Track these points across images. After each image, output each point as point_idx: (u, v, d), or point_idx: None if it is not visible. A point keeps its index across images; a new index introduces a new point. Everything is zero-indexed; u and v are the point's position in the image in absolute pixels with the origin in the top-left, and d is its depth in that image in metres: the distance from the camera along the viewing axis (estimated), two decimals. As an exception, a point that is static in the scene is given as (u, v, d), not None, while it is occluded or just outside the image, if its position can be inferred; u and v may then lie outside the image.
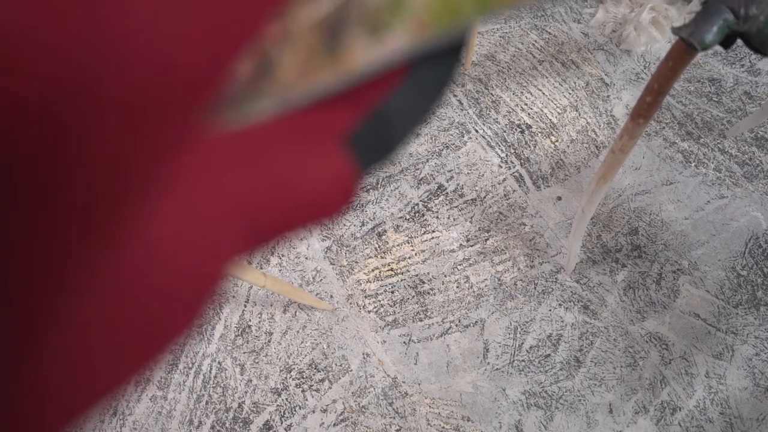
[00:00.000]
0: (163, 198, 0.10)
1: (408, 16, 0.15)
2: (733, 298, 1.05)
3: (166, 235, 0.10)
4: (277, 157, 0.13)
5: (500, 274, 1.06)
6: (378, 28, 0.15)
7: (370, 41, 0.15)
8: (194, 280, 0.11)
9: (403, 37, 0.15)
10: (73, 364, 0.10)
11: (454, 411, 0.96)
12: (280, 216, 0.13)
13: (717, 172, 1.16)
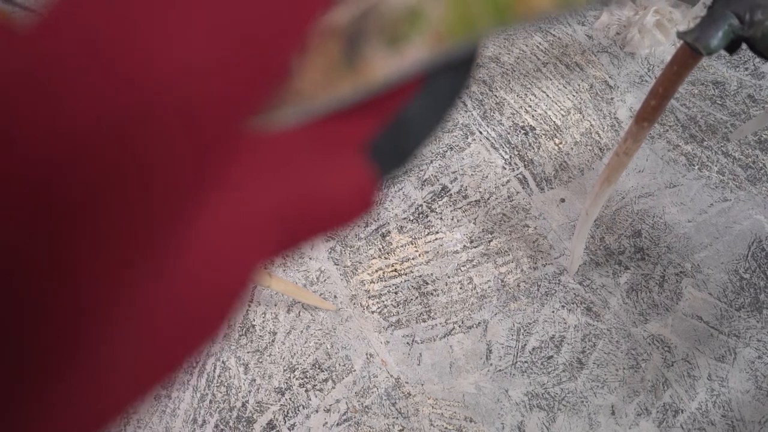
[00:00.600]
0: (208, 206, 0.11)
1: (425, 28, 0.16)
2: (735, 301, 1.05)
3: (207, 240, 0.11)
4: (303, 165, 0.13)
5: (503, 276, 1.07)
6: (396, 39, 0.16)
7: (389, 53, 0.16)
8: (228, 284, 0.11)
9: (421, 48, 0.16)
10: (118, 364, 0.10)
11: (456, 412, 0.97)
12: (306, 222, 0.13)
13: (720, 175, 1.16)
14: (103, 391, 0.10)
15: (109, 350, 0.10)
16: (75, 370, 0.09)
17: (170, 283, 0.10)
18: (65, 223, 0.08)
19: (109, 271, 0.09)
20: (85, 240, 0.08)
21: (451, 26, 0.16)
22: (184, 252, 0.10)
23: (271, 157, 0.12)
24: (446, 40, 0.16)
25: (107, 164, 0.08)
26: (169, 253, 0.10)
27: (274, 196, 0.12)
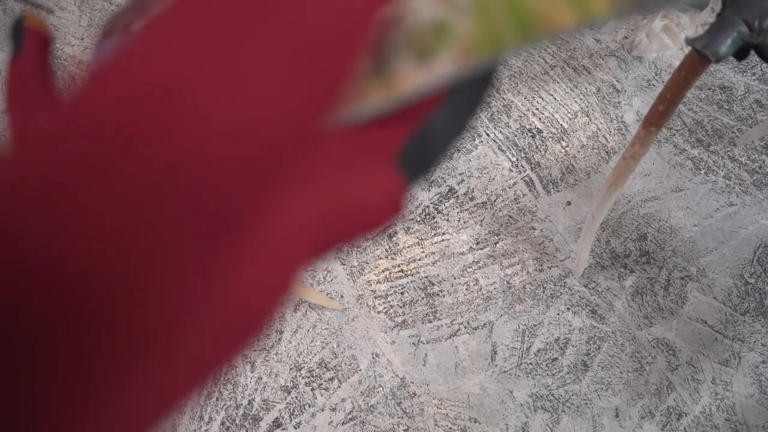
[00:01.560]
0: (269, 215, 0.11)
1: (452, 43, 0.17)
2: (740, 305, 1.05)
3: (264, 247, 0.12)
4: (342, 173, 0.14)
5: (509, 278, 1.07)
6: (424, 53, 0.16)
7: (417, 66, 0.16)
8: (276, 288, 0.12)
9: (448, 62, 0.16)
10: (179, 362, 0.11)
11: (461, 412, 0.98)
12: (342, 228, 0.14)
13: (726, 180, 1.16)
14: (165, 391, 0.11)
15: (174, 347, 0.10)
16: (150, 365, 0.10)
17: (235, 289, 0.11)
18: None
19: (188, 285, 0.10)
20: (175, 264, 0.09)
21: (477, 41, 0.17)
22: (248, 259, 0.11)
23: (315, 165, 0.13)
24: (472, 55, 0.17)
25: (194, 202, 0.09)
26: (236, 260, 0.11)
27: (318, 203, 0.13)
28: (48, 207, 0.09)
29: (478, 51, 0.17)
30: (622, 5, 0.16)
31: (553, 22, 0.16)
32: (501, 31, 0.17)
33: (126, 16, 0.29)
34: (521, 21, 0.17)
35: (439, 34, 0.17)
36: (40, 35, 0.24)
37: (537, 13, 0.16)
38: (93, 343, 0.09)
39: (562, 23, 0.16)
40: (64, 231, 0.09)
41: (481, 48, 0.17)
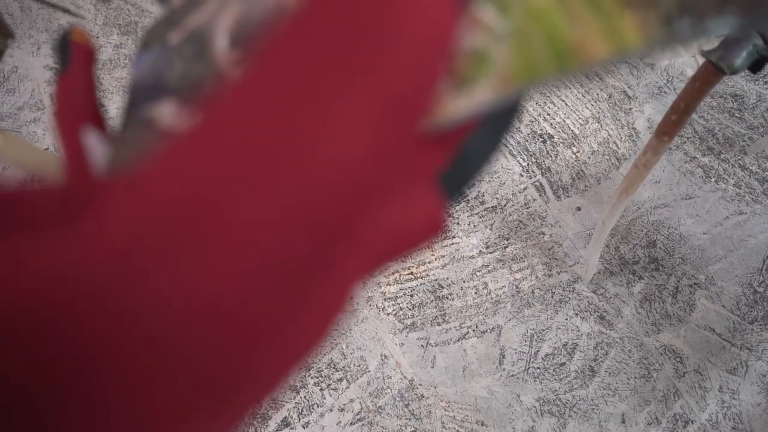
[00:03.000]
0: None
1: (491, 71, 0.17)
2: (749, 314, 1.05)
3: (342, 269, 0.13)
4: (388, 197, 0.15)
5: (518, 282, 1.08)
6: (465, 81, 0.17)
7: (458, 93, 0.17)
8: (336, 305, 0.13)
9: (488, 90, 0.17)
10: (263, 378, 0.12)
11: (468, 415, 0.98)
12: (388, 249, 0.15)
13: (737, 188, 1.17)
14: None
15: (261, 368, 0.11)
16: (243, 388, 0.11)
17: (317, 309, 0.12)
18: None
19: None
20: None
21: (514, 70, 0.17)
22: (326, 285, 0.12)
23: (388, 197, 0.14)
24: (510, 84, 0.17)
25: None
26: (322, 283, 0.12)
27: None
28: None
29: (516, 79, 0.17)
30: (654, 36, 0.17)
31: (588, 53, 0.17)
32: (538, 61, 0.17)
33: (162, 29, 0.29)
34: (557, 51, 0.17)
35: (479, 62, 0.17)
36: (86, 50, 0.24)
37: (572, 43, 0.17)
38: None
39: (597, 54, 0.17)
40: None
41: (518, 77, 0.17)
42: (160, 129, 0.24)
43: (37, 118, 1.33)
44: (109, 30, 1.41)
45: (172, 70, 0.26)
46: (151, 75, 0.26)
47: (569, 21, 0.18)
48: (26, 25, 1.40)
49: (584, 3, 0.18)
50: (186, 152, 0.10)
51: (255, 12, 0.26)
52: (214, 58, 0.25)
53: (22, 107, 1.34)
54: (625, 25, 0.17)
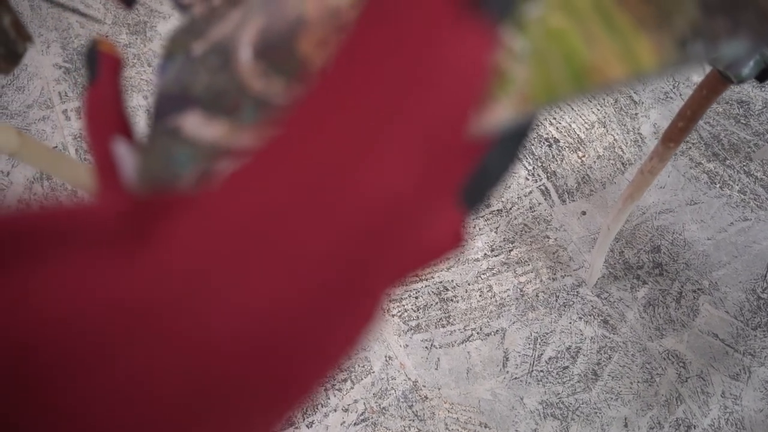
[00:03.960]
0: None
1: (512, 90, 0.18)
2: (752, 320, 1.06)
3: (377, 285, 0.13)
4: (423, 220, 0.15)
5: (523, 285, 1.08)
6: (486, 98, 0.18)
7: (481, 111, 0.18)
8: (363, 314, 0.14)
9: (508, 108, 0.18)
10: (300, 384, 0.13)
11: (472, 417, 0.99)
12: (414, 262, 0.15)
13: (741, 195, 1.17)
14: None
15: (300, 377, 0.12)
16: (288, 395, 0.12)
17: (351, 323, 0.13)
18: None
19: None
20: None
21: (534, 89, 0.18)
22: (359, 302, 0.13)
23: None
24: (529, 102, 0.18)
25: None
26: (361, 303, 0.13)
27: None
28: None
29: (535, 98, 0.18)
30: (669, 59, 0.18)
31: (604, 74, 0.18)
32: (556, 81, 0.18)
33: (185, 39, 0.30)
34: (575, 71, 0.18)
35: (500, 81, 0.18)
36: (114, 60, 0.25)
37: (590, 64, 0.18)
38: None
39: (613, 75, 0.18)
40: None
41: (538, 95, 0.18)
42: (185, 138, 0.24)
43: (46, 116, 1.34)
44: (118, 29, 1.42)
45: (196, 80, 0.27)
46: (176, 85, 0.27)
47: (587, 42, 0.18)
48: (36, 24, 1.41)
49: (601, 25, 0.19)
50: (245, 182, 0.11)
51: (277, 24, 0.26)
52: (238, 69, 0.26)
53: (31, 105, 1.35)
54: (640, 47, 0.18)
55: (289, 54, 0.25)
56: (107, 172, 0.21)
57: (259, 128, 0.22)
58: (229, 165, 0.12)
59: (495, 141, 0.19)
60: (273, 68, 0.25)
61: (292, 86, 0.25)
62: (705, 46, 0.17)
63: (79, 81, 1.38)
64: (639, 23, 0.18)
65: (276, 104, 0.24)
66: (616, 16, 0.18)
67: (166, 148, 0.23)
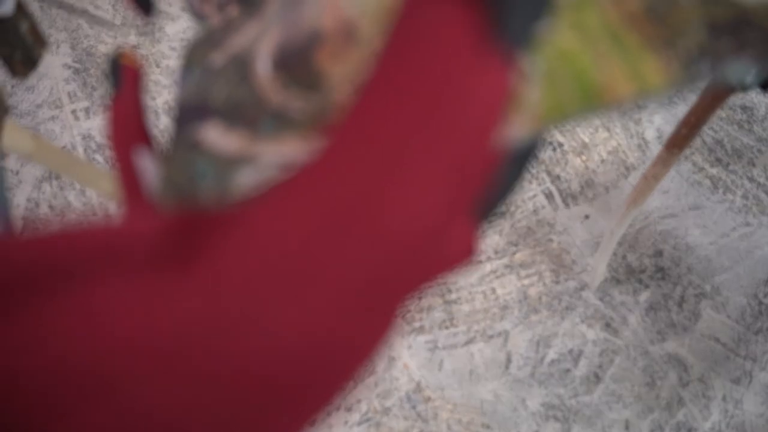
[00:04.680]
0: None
1: (524, 111, 0.19)
2: (753, 324, 1.07)
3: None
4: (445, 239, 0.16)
5: (526, 288, 1.09)
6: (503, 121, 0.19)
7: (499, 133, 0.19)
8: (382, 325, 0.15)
9: (521, 128, 0.19)
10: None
11: (474, 418, 1.00)
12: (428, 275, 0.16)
13: (744, 200, 1.18)
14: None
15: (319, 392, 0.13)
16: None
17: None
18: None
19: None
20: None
21: (545, 109, 0.19)
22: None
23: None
24: (541, 122, 0.19)
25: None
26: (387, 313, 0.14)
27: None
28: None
29: (546, 117, 0.19)
30: (675, 78, 0.19)
31: (613, 93, 0.19)
32: (567, 100, 0.19)
33: (204, 49, 0.31)
34: (585, 91, 0.19)
35: (513, 101, 0.19)
36: (136, 72, 0.26)
37: (599, 84, 0.19)
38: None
39: (622, 95, 0.18)
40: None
41: (549, 115, 0.19)
42: (206, 149, 0.25)
43: (56, 116, 1.35)
44: (126, 30, 1.43)
45: (216, 92, 0.28)
46: (196, 96, 0.28)
47: (596, 62, 0.19)
48: (45, 24, 1.42)
49: (610, 45, 0.20)
50: (282, 210, 0.12)
51: (294, 37, 0.27)
52: (257, 82, 0.27)
53: (41, 105, 1.36)
54: (648, 67, 0.19)
55: (307, 67, 0.26)
56: (132, 183, 0.22)
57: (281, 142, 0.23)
58: (263, 187, 0.13)
59: (505, 157, 0.20)
60: (291, 81, 0.26)
61: (309, 99, 0.26)
62: (710, 66, 0.18)
63: (88, 81, 1.39)
64: (647, 43, 0.19)
65: (294, 117, 0.25)
66: (624, 36, 0.19)
67: (187, 159, 0.24)
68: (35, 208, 1.26)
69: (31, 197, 1.26)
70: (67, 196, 1.27)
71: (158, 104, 1.34)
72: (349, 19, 0.25)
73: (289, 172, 0.13)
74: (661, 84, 0.19)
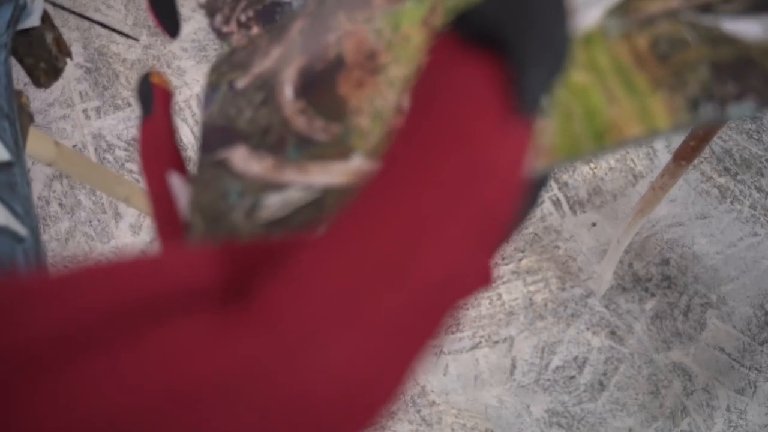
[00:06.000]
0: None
1: (540, 147, 0.20)
2: (759, 335, 1.07)
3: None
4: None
5: (532, 294, 1.10)
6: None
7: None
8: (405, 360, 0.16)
9: (538, 162, 0.20)
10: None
11: (478, 423, 1.00)
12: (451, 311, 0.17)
13: (752, 210, 1.18)
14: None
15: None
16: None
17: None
18: None
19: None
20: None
21: (560, 146, 0.20)
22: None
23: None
24: (555, 157, 0.20)
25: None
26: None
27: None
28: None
29: (560, 153, 0.20)
30: (680, 121, 0.19)
31: (622, 132, 0.19)
32: (579, 139, 0.20)
33: (227, 69, 0.32)
34: (596, 130, 0.20)
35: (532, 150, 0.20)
36: (166, 92, 0.27)
37: (609, 121, 0.20)
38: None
39: (630, 134, 0.19)
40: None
41: (562, 151, 0.20)
42: (234, 171, 0.26)
43: (67, 115, 1.36)
44: (138, 31, 1.44)
45: (240, 113, 0.28)
46: (220, 117, 0.29)
47: (606, 99, 0.20)
48: (58, 24, 1.43)
49: (621, 84, 0.20)
50: (327, 259, 0.13)
51: (317, 64, 0.28)
52: (279, 106, 0.28)
53: (52, 104, 1.37)
54: (656, 110, 0.19)
55: (329, 93, 0.27)
56: (164, 204, 0.23)
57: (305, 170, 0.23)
58: (306, 230, 0.14)
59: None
60: (313, 106, 0.27)
61: (332, 124, 0.26)
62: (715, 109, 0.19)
63: (100, 81, 1.40)
64: (655, 84, 0.20)
65: (317, 141, 0.26)
66: (634, 75, 0.20)
67: (216, 181, 0.25)
68: (45, 206, 1.28)
69: (41, 195, 1.28)
70: (78, 195, 1.28)
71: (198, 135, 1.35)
72: (372, 50, 0.26)
73: (332, 221, 0.14)
74: (667, 125, 0.19)
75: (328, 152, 0.24)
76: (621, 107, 0.20)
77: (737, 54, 0.20)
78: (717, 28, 0.20)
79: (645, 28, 0.21)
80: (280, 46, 0.29)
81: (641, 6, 0.21)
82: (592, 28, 0.22)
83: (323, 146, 0.24)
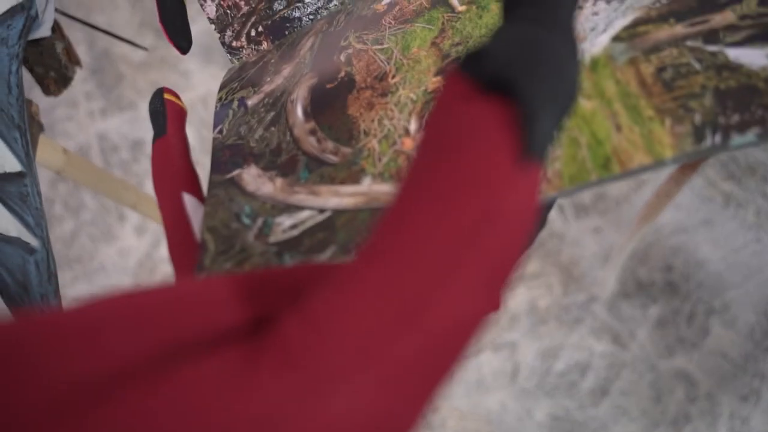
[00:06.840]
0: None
1: (549, 176, 0.20)
2: (762, 342, 1.07)
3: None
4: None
5: (535, 299, 1.10)
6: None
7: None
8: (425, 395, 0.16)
9: (550, 190, 0.20)
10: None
11: (481, 427, 1.01)
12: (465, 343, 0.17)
13: (756, 216, 1.18)
14: None
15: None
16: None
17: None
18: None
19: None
20: None
21: (571, 176, 0.20)
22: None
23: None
24: (567, 185, 0.20)
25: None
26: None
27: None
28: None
29: (571, 182, 0.20)
30: (684, 153, 0.20)
31: (630, 161, 0.20)
32: (589, 169, 0.20)
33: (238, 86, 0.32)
34: (602, 156, 0.20)
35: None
36: (179, 110, 0.27)
37: (616, 149, 0.20)
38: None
39: (636, 164, 0.20)
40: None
41: (573, 180, 0.20)
42: (246, 191, 0.26)
43: (71, 116, 1.37)
44: (144, 31, 1.44)
45: (251, 132, 0.29)
46: (231, 134, 0.29)
47: (613, 126, 0.20)
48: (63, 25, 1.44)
49: (625, 110, 0.21)
50: (345, 304, 0.13)
51: (327, 83, 0.28)
52: (289, 124, 0.28)
53: (56, 104, 1.38)
54: (661, 137, 0.20)
55: (339, 113, 0.27)
56: (178, 225, 0.23)
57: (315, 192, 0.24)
58: (325, 272, 0.14)
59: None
60: (323, 126, 0.27)
61: (342, 145, 0.26)
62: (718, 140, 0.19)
63: (104, 82, 1.40)
64: (661, 112, 0.20)
65: (328, 162, 0.26)
66: (640, 102, 0.20)
67: (229, 200, 0.25)
68: (50, 206, 1.28)
69: (46, 196, 1.28)
70: (82, 196, 1.28)
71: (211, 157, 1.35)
72: (382, 71, 0.26)
73: (351, 264, 0.14)
74: (671, 157, 0.20)
75: (338, 175, 0.24)
76: (627, 135, 0.20)
77: (742, 82, 0.20)
78: (722, 57, 0.20)
79: (651, 54, 0.21)
80: (291, 64, 0.30)
81: (647, 32, 0.21)
82: (599, 52, 0.22)
83: (334, 168, 0.24)
